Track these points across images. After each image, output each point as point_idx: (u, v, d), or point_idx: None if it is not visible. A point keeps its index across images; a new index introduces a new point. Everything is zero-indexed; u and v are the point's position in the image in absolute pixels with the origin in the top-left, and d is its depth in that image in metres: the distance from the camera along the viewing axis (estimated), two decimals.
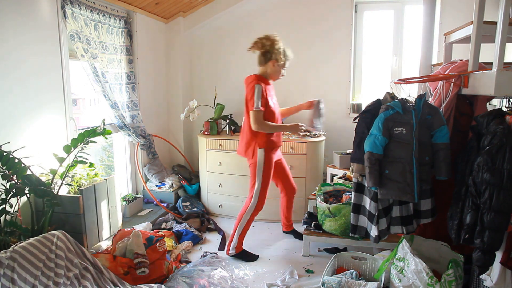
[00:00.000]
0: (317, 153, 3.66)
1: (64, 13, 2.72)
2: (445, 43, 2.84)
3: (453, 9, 3.74)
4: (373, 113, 2.36)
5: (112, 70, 3.29)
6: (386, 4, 4.17)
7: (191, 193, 3.99)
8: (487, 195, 1.83)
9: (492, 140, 1.85)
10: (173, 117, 4.38)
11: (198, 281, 2.43)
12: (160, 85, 4.25)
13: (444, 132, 2.27)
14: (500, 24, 1.94)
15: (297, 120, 4.40)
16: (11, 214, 2.15)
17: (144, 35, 3.80)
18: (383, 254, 2.61)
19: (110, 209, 2.82)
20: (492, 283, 1.94)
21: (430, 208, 2.37)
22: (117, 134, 3.53)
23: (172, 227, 3.37)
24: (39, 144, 2.55)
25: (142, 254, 2.44)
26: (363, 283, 2.23)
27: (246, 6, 4.22)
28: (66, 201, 2.47)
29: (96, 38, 3.08)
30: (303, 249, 2.98)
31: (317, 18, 4.11)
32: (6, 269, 1.78)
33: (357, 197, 2.45)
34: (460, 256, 2.25)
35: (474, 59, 2.21)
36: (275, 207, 3.64)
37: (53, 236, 2.08)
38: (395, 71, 4.20)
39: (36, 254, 1.93)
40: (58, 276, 1.96)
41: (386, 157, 2.25)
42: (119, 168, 3.78)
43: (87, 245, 2.55)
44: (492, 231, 1.82)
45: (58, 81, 2.74)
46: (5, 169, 2.12)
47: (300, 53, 4.21)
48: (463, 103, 2.46)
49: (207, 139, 3.76)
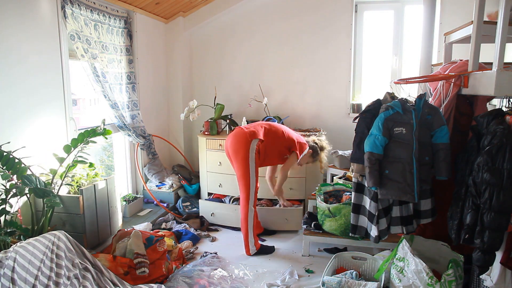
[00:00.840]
0: None
1: (64, 13, 2.72)
2: (445, 43, 2.84)
3: (453, 9, 3.74)
4: (373, 113, 2.36)
5: (112, 70, 3.29)
6: (386, 4, 4.17)
7: (191, 193, 3.99)
8: (487, 195, 1.83)
9: (492, 140, 1.85)
10: (173, 117, 4.38)
11: (198, 281, 2.43)
12: (160, 85, 4.25)
13: (444, 132, 2.27)
14: (500, 24, 1.94)
15: (296, 119, 4.41)
16: (11, 214, 2.15)
17: (144, 35, 3.80)
18: (383, 254, 2.61)
19: (110, 209, 2.82)
20: (492, 283, 1.94)
21: (430, 208, 2.37)
22: (117, 134, 3.53)
23: (172, 227, 3.37)
24: (39, 144, 2.55)
25: (142, 254, 2.44)
26: (363, 283, 2.23)
27: (246, 6, 4.22)
28: (66, 201, 2.47)
29: (96, 38, 3.08)
30: (303, 249, 2.98)
31: (317, 18, 4.11)
32: (6, 269, 1.78)
33: (357, 197, 2.45)
34: (460, 256, 2.24)
35: (474, 59, 2.21)
36: (271, 216, 3.63)
37: (53, 236, 2.08)
38: (395, 71, 4.20)
39: (36, 254, 1.93)
40: (58, 276, 1.96)
41: (386, 157, 2.25)
42: (119, 168, 3.78)
43: (87, 245, 2.55)
44: (492, 231, 1.82)
45: (58, 81, 2.74)
46: (5, 169, 2.12)
47: (300, 53, 4.22)
48: (463, 103, 2.46)
49: (207, 139, 3.76)
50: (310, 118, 4.27)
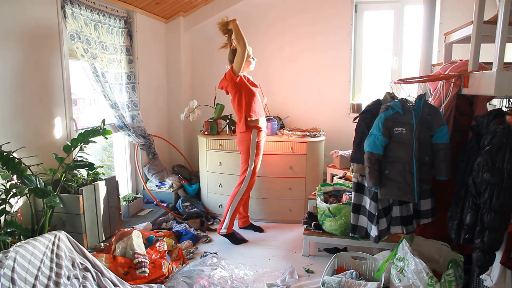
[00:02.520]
0: (317, 153, 3.66)
1: (64, 13, 2.72)
2: (445, 43, 2.84)
3: (453, 9, 3.74)
4: (373, 113, 2.36)
5: (112, 70, 3.29)
6: (386, 4, 4.17)
7: (191, 193, 3.99)
8: (487, 195, 1.83)
9: (492, 140, 1.85)
10: (173, 117, 4.38)
11: (198, 281, 2.43)
12: (160, 85, 4.25)
13: (444, 132, 2.27)
14: (500, 24, 1.94)
15: (296, 119, 4.41)
16: (11, 214, 2.15)
17: (144, 35, 3.80)
18: (383, 254, 2.61)
19: (110, 209, 2.82)
20: (492, 283, 1.94)
21: (430, 208, 2.37)
22: (117, 134, 3.53)
23: (172, 227, 3.37)
24: (39, 144, 2.55)
25: (142, 254, 2.44)
26: (363, 283, 2.23)
27: (246, 6, 4.22)
28: (66, 201, 2.47)
29: (96, 38, 3.08)
30: (303, 249, 2.98)
31: (317, 18, 4.11)
32: (6, 269, 1.78)
33: (357, 197, 2.45)
34: (460, 256, 2.25)
35: (474, 59, 2.21)
36: (275, 207, 3.65)
37: (53, 236, 2.07)
38: (395, 71, 4.20)
39: (36, 254, 1.93)
40: (58, 276, 1.96)
41: (386, 157, 2.25)
42: (119, 168, 3.78)
43: (87, 245, 2.55)
44: (492, 231, 1.82)
45: (58, 81, 2.74)
46: (5, 169, 2.12)
47: (300, 53, 4.22)
48: (463, 103, 2.46)
49: (207, 139, 3.76)
50: (310, 118, 4.27)
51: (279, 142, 3.60)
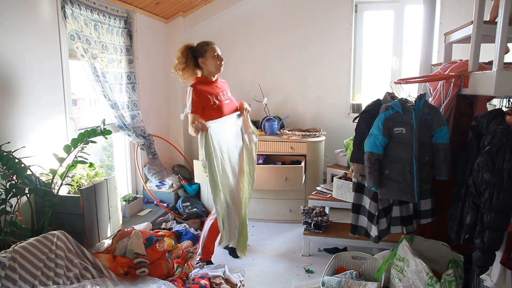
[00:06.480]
0: (317, 153, 3.66)
1: (64, 13, 2.72)
2: (445, 43, 2.84)
3: (453, 9, 3.74)
4: (373, 113, 2.36)
5: (112, 70, 3.29)
6: (386, 4, 4.17)
7: (191, 193, 3.99)
8: (487, 195, 1.83)
9: (492, 140, 1.85)
10: (173, 117, 4.38)
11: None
12: (160, 85, 4.25)
13: (444, 132, 2.27)
14: (500, 24, 1.94)
15: (296, 119, 4.41)
16: (11, 214, 2.15)
17: (144, 35, 3.80)
18: (383, 254, 2.61)
19: (110, 209, 2.82)
20: (492, 283, 1.94)
21: (430, 208, 2.37)
22: (117, 134, 3.53)
23: (172, 227, 3.37)
24: (39, 144, 2.55)
25: (142, 254, 2.44)
26: (363, 283, 2.23)
27: (246, 6, 4.22)
28: (66, 201, 2.47)
29: (96, 38, 3.08)
30: (303, 249, 2.98)
31: (317, 18, 4.11)
32: (6, 269, 1.78)
33: (357, 197, 2.45)
34: (460, 256, 2.25)
35: (474, 59, 2.21)
36: (275, 206, 3.65)
37: (53, 236, 2.08)
38: (395, 71, 4.20)
39: (36, 254, 1.93)
40: (58, 276, 1.96)
41: (386, 157, 2.25)
42: (119, 168, 3.78)
43: (87, 245, 2.55)
44: (492, 231, 1.82)
45: (58, 81, 2.74)
46: (5, 169, 2.12)
47: (300, 53, 4.22)
48: (463, 103, 2.46)
49: None
50: (310, 118, 4.27)
51: (279, 142, 3.60)
